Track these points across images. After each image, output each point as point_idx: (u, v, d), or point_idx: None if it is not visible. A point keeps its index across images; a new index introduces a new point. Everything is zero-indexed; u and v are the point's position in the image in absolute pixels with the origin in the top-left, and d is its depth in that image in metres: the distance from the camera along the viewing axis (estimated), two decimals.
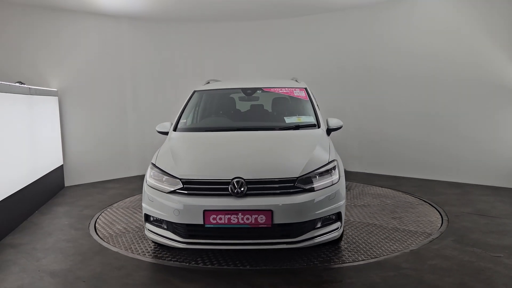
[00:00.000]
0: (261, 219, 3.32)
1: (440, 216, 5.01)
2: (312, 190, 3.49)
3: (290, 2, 7.39)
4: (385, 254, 3.88)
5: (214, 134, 4.44)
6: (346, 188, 6.10)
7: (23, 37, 6.85)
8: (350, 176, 7.55)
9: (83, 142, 7.58)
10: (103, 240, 4.48)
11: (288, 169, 3.55)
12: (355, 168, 8.08)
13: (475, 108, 6.60)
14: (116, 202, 6.10)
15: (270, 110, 5.19)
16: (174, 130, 4.66)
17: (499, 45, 6.26)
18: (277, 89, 5.05)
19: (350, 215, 5.13)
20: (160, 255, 3.99)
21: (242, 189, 3.41)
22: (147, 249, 4.15)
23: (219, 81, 5.93)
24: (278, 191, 3.45)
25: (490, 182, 6.51)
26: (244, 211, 3.33)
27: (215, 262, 3.77)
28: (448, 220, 4.86)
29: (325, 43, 8.33)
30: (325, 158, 3.77)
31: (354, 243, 4.19)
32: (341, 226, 3.67)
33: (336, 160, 3.83)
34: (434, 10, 6.92)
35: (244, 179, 3.44)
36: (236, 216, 3.33)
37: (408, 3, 7.20)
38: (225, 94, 5.42)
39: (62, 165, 7.16)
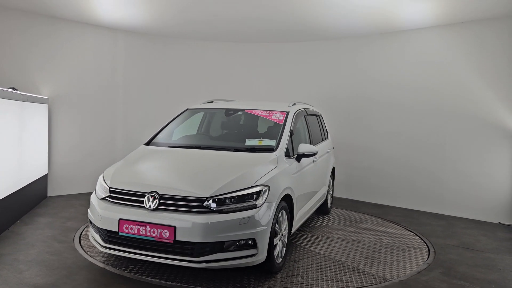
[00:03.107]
0: (165, 234, 3.45)
1: (427, 248, 5.04)
2: (221, 211, 3.51)
3: (286, 27, 7.53)
4: None
5: (169, 150, 4.66)
6: (356, 221, 6.16)
7: (17, 42, 6.77)
8: (336, 202, 7.60)
9: (69, 152, 7.44)
10: (89, 255, 4.36)
11: (200, 188, 3.63)
12: (342, 194, 8.14)
13: (462, 141, 6.77)
14: None
15: (240, 131, 5.21)
16: (147, 144, 4.91)
17: (487, 82, 6.49)
18: (258, 112, 5.12)
19: (325, 249, 4.84)
20: (146, 273, 3.90)
21: (153, 203, 3.58)
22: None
23: (232, 100, 6.11)
24: (186, 209, 3.53)
25: (473, 216, 6.64)
26: (152, 224, 3.49)
27: (204, 284, 3.72)
28: (435, 251, 4.91)
29: (317, 69, 8.48)
30: (251, 181, 3.73)
31: (293, 275, 4.00)
32: (257, 254, 3.58)
33: (267, 186, 3.76)
34: (425, 44, 7.15)
35: (158, 194, 3.60)
36: (144, 228, 3.51)
37: (400, 37, 7.42)
38: (213, 114, 5.64)
39: (46, 175, 7.00)
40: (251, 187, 3.68)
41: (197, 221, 3.42)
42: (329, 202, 6.58)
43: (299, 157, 4.63)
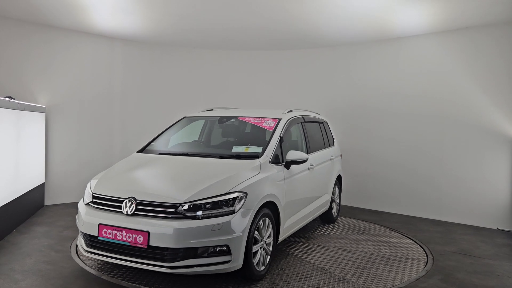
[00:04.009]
0: (139, 239, 3.50)
1: (425, 259, 4.91)
2: (194, 217, 3.52)
3: (283, 35, 7.57)
4: None
5: (157, 157, 4.67)
6: (360, 230, 6.09)
7: (14, 51, 6.79)
8: None
9: (66, 161, 7.42)
10: (85, 264, 4.33)
11: (175, 194, 3.66)
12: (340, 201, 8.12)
13: (460, 147, 6.78)
14: None
15: (234, 139, 5.19)
16: (140, 151, 4.96)
17: (484, 89, 6.51)
18: (250, 119, 5.12)
19: (317, 258, 4.74)
20: (145, 281, 3.88)
21: (130, 208, 3.64)
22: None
23: (232, 108, 6.11)
24: (161, 215, 3.57)
25: (472, 222, 6.63)
26: (128, 229, 3.55)
27: None
28: (433, 258, 4.89)
29: (316, 76, 8.51)
30: (227, 188, 3.72)
31: (274, 283, 3.94)
32: (232, 261, 3.57)
33: (245, 193, 3.75)
34: (420, 51, 7.19)
35: (135, 200, 3.67)
36: (121, 233, 3.57)
37: (397, 44, 7.46)
38: (213, 122, 5.62)
39: (43, 183, 6.97)
40: (227, 193, 3.68)
41: (170, 226, 3.46)
42: (334, 210, 6.45)
43: (287, 164, 4.58)
